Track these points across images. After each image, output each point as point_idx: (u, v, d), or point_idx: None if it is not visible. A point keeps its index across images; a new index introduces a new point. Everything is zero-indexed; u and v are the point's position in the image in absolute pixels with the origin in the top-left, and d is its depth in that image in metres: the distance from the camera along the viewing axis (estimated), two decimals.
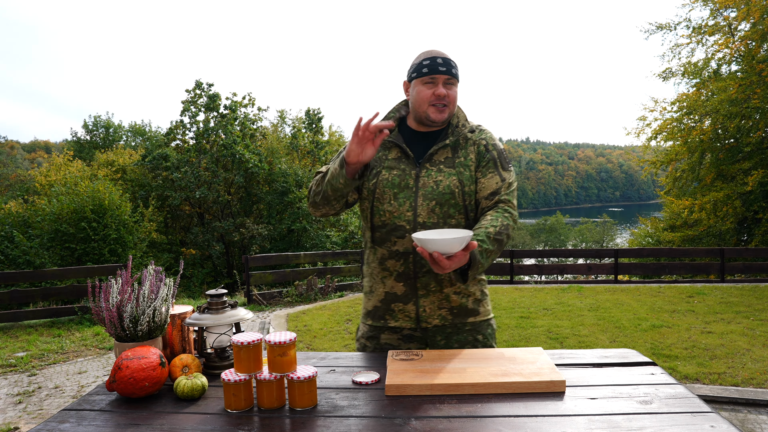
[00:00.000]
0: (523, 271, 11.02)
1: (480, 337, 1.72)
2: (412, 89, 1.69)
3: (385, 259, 1.68)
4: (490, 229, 1.54)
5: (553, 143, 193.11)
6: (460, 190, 1.64)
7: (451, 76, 1.64)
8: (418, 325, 1.69)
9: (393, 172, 1.67)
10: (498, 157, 1.69)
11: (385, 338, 1.73)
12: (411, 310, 1.68)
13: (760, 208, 13.27)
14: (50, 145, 67.88)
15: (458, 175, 1.65)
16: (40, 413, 4.08)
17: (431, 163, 1.67)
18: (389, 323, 1.72)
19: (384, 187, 1.66)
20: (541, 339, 5.58)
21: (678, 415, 1.15)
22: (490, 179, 1.66)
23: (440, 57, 1.64)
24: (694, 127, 14.19)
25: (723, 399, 3.86)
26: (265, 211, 19.36)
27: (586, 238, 46.21)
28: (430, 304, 1.67)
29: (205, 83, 18.81)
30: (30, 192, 18.53)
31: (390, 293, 1.70)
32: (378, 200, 1.67)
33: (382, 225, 1.68)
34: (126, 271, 1.46)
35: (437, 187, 1.63)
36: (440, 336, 1.70)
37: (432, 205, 1.63)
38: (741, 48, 13.16)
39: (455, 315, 1.69)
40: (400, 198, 1.65)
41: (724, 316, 6.40)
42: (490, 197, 1.65)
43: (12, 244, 11.36)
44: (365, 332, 1.79)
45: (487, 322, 1.76)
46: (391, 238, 1.66)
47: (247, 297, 8.93)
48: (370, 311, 1.77)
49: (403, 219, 1.64)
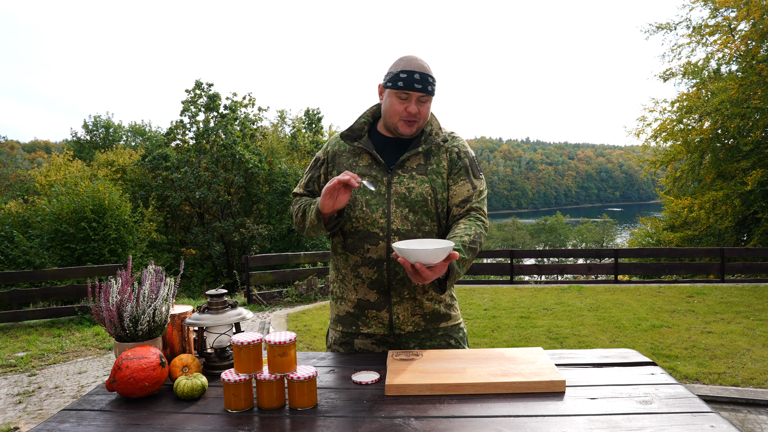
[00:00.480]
0: (523, 271, 11.02)
1: (452, 342, 1.72)
2: (386, 98, 1.67)
3: (358, 266, 1.66)
4: (464, 237, 1.54)
5: (553, 143, 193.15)
6: (432, 197, 1.63)
7: (426, 93, 1.61)
8: (391, 332, 1.68)
9: (365, 179, 1.64)
10: (470, 165, 1.69)
11: (359, 343, 1.71)
12: (384, 317, 1.67)
13: (760, 208, 13.27)
14: (50, 145, 67.92)
15: (431, 183, 1.64)
16: (40, 413, 4.08)
17: (403, 169, 1.65)
18: (361, 329, 1.70)
19: (355, 194, 1.65)
20: (541, 339, 5.58)
21: (678, 415, 1.15)
22: (461, 186, 1.66)
23: (418, 72, 1.59)
24: (694, 127, 14.20)
25: (723, 399, 3.86)
26: (265, 211, 19.37)
27: (586, 238, 46.24)
28: (403, 311, 1.65)
29: (205, 83, 18.81)
30: (30, 192, 18.53)
31: (363, 300, 1.67)
32: (350, 207, 1.65)
33: (354, 231, 1.66)
34: (126, 271, 1.46)
35: (409, 194, 1.62)
36: (413, 342, 1.69)
37: (405, 212, 1.62)
38: (741, 48, 13.17)
39: (428, 321, 1.68)
40: (372, 205, 1.63)
41: (724, 316, 6.40)
42: (462, 204, 1.65)
43: (12, 244, 11.36)
44: (337, 338, 1.76)
45: (458, 326, 1.75)
46: (364, 245, 1.64)
47: (247, 297, 8.93)
48: (342, 317, 1.74)
49: (376, 226, 1.62)
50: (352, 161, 1.70)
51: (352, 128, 1.75)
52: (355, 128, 1.75)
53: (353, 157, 1.71)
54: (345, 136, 1.73)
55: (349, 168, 1.69)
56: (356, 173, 1.66)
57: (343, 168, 1.70)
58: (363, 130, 1.75)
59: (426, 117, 1.66)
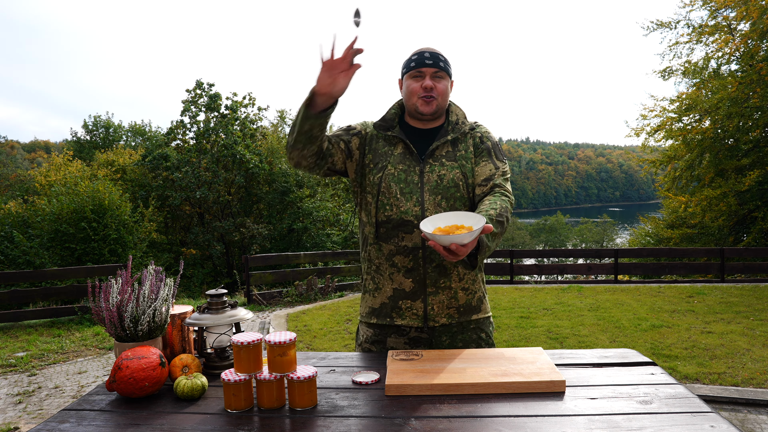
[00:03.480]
0: (523, 271, 11.02)
1: (483, 335, 1.74)
2: (403, 85, 1.73)
3: (392, 255, 1.66)
4: (491, 211, 1.53)
5: (553, 143, 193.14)
6: (464, 182, 1.66)
7: (439, 69, 1.66)
8: (426, 324, 1.68)
9: (399, 167, 1.67)
10: (492, 148, 1.72)
11: (392, 342, 1.71)
12: (419, 308, 1.67)
13: (756, 207, 13.28)
14: (50, 145, 67.90)
15: (461, 168, 1.67)
16: (40, 413, 4.08)
17: (434, 158, 1.68)
18: (395, 321, 1.69)
19: (390, 182, 1.66)
20: (541, 339, 5.58)
21: (678, 415, 1.15)
22: (483, 167, 1.69)
23: (428, 51, 1.68)
24: (694, 126, 14.20)
25: (723, 399, 3.86)
26: (265, 210, 19.37)
27: (586, 238, 46.20)
28: (438, 303, 1.66)
29: (205, 83, 18.80)
30: (30, 192, 18.53)
31: (398, 290, 1.68)
32: (383, 195, 1.66)
33: (387, 220, 1.66)
34: (126, 271, 1.46)
35: (441, 182, 1.65)
36: (445, 336, 1.69)
37: (438, 200, 1.64)
38: (740, 47, 13.17)
39: (461, 313, 1.70)
40: (406, 192, 1.65)
41: (724, 316, 6.40)
42: (485, 183, 1.67)
43: (12, 244, 11.37)
44: (369, 336, 1.75)
45: (488, 319, 1.78)
46: (399, 234, 1.65)
47: (247, 297, 8.93)
48: (376, 309, 1.72)
49: (410, 214, 1.63)
50: (387, 149, 1.72)
51: (384, 118, 1.77)
52: (387, 118, 1.77)
53: (388, 145, 1.73)
54: (378, 126, 1.75)
55: (384, 155, 1.71)
56: (391, 161, 1.68)
57: (380, 154, 1.72)
58: (394, 121, 1.77)
59: (443, 94, 1.69)
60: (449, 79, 1.71)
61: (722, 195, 13.12)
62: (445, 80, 1.69)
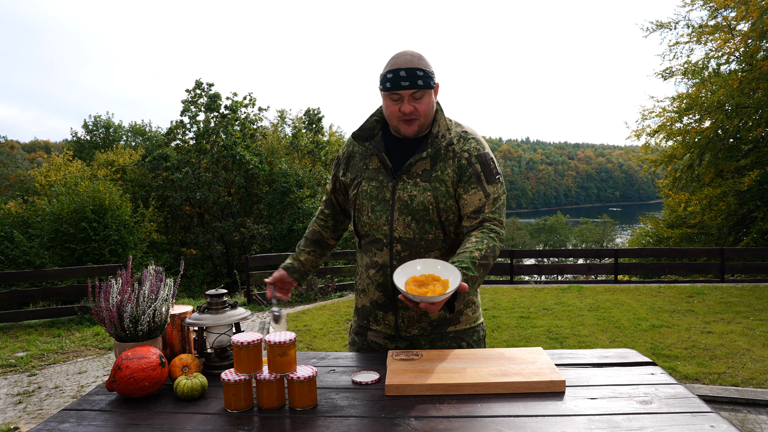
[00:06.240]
0: (523, 271, 11.02)
1: (464, 344, 1.68)
2: (382, 101, 1.61)
3: (368, 267, 1.67)
4: (474, 253, 1.45)
5: (553, 143, 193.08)
6: (434, 207, 1.56)
7: (417, 89, 1.51)
8: (398, 333, 1.68)
9: (372, 184, 1.62)
10: (482, 170, 1.57)
11: (372, 336, 1.73)
12: (390, 320, 1.67)
13: (756, 207, 13.28)
14: (50, 145, 67.89)
15: (433, 191, 1.56)
16: (40, 413, 4.08)
17: (408, 175, 1.59)
18: (371, 326, 1.72)
19: (363, 199, 1.63)
20: (541, 339, 5.58)
21: (678, 415, 1.15)
22: (472, 195, 1.56)
23: (403, 69, 1.50)
24: (694, 126, 14.20)
25: (723, 399, 3.86)
26: (265, 211, 19.38)
27: (586, 238, 46.18)
28: (408, 317, 1.64)
29: (205, 83, 18.81)
30: (30, 192, 18.54)
31: (373, 300, 1.68)
32: (358, 211, 1.65)
33: (364, 234, 1.67)
34: (126, 271, 1.46)
35: (411, 202, 1.57)
36: (424, 341, 1.68)
37: (408, 221, 1.57)
38: (740, 47, 13.17)
39: (434, 326, 1.66)
40: (377, 211, 1.60)
41: (724, 316, 6.40)
42: (474, 215, 1.55)
43: (12, 244, 11.37)
44: (355, 328, 1.80)
45: (473, 329, 1.70)
46: (372, 249, 1.64)
47: (247, 297, 8.93)
48: (359, 309, 1.76)
49: (380, 232, 1.61)
50: (362, 164, 1.67)
51: (363, 127, 1.67)
52: (366, 127, 1.67)
53: (364, 159, 1.67)
54: (356, 136, 1.67)
55: (359, 170, 1.66)
56: (366, 176, 1.64)
57: (357, 169, 1.67)
58: (375, 129, 1.68)
59: (426, 113, 1.56)
60: (431, 89, 1.56)
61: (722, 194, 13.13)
62: (427, 96, 1.55)
